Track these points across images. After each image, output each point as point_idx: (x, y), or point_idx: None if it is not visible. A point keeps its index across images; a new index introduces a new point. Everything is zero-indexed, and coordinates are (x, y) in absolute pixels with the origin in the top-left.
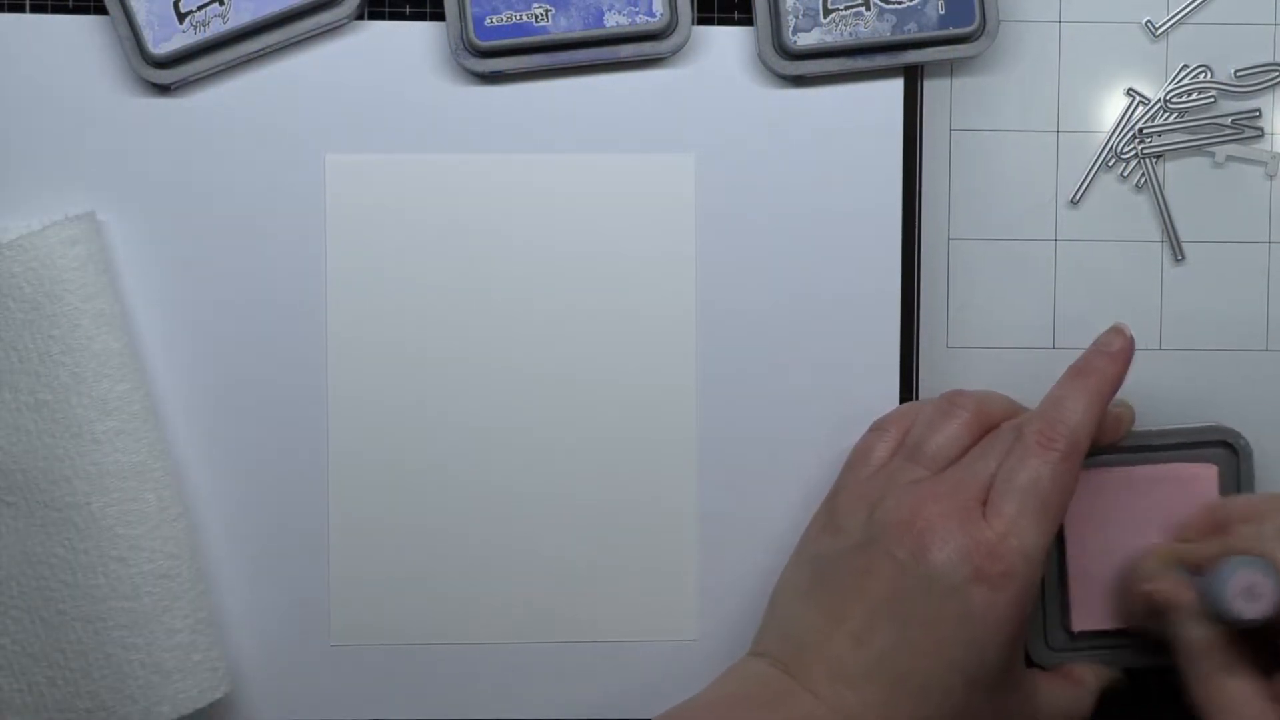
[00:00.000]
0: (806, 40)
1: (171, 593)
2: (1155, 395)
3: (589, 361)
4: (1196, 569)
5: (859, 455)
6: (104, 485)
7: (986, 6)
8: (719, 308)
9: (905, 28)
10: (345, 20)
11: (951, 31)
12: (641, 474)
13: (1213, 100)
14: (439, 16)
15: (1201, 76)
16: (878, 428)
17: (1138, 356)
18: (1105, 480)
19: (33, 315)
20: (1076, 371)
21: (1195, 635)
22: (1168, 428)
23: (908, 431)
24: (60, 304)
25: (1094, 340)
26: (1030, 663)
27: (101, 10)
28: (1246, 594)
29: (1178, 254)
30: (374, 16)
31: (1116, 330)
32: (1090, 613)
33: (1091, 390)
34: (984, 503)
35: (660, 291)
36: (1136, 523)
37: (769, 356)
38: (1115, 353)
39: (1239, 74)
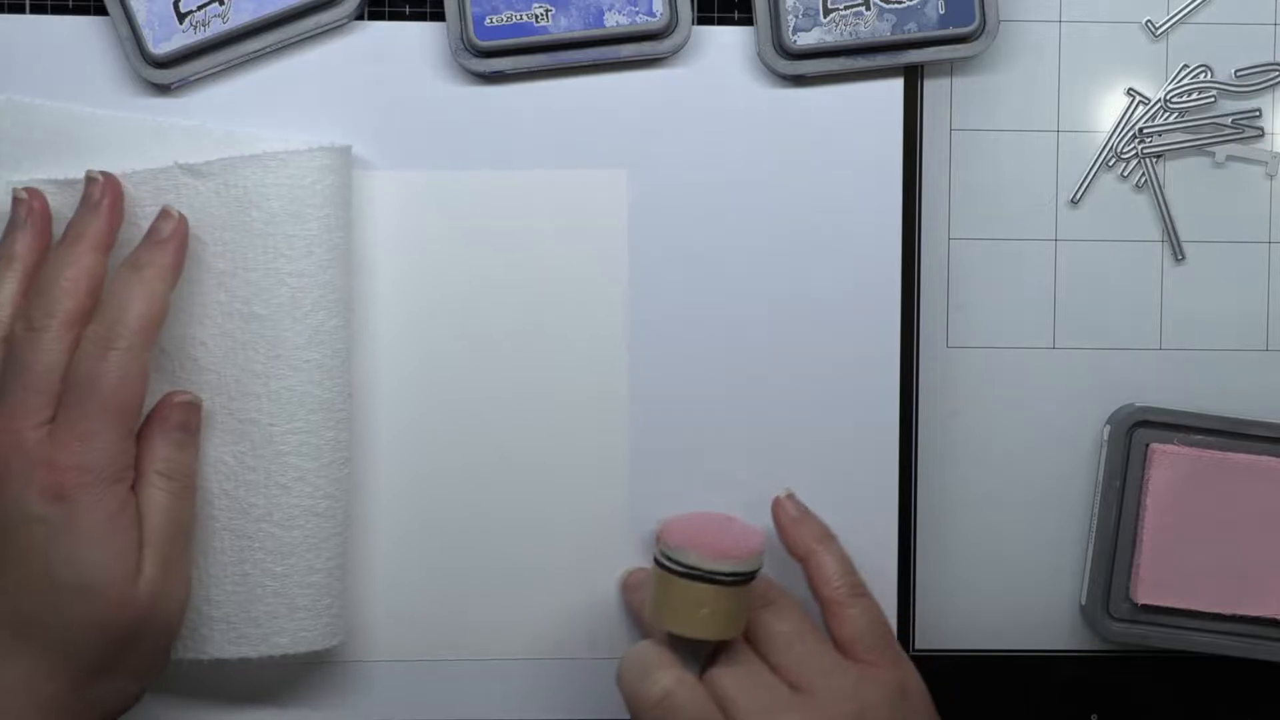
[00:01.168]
0: (806, 40)
1: (321, 532)
2: (1155, 395)
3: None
4: None
5: None
6: (290, 412)
7: (987, 6)
8: (716, 307)
9: (905, 27)
10: (345, 20)
11: (951, 31)
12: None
13: (1213, 100)
14: (439, 16)
15: (1201, 76)
16: None
17: (1138, 356)
18: (1198, 460)
19: (270, 229)
20: (128, 267)
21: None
22: (1273, 420)
23: None
24: (301, 225)
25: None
26: (1095, 633)
27: (101, 11)
28: None
29: (1178, 254)
30: (374, 16)
31: (163, 214)
32: (1158, 588)
33: (148, 282)
34: (45, 418)
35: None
36: (1223, 509)
37: (770, 355)
38: (166, 239)
39: (1239, 74)
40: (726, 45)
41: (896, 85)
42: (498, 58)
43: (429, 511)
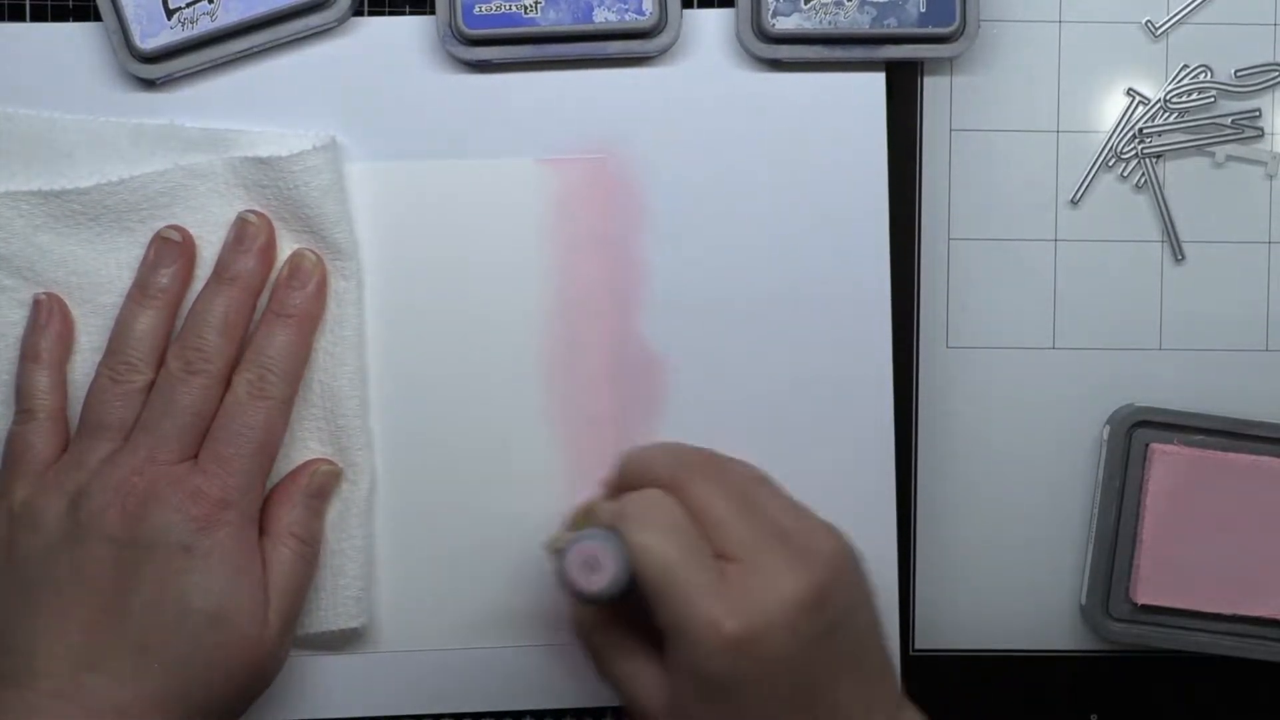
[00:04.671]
0: (785, 25)
1: (342, 513)
2: (1154, 395)
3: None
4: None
5: (18, 451)
6: (306, 399)
7: (968, 7)
8: (706, 301)
9: (885, 22)
10: (334, 24)
11: (931, 30)
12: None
13: (1213, 100)
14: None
15: (1201, 76)
16: (24, 418)
17: (1138, 356)
18: (1198, 461)
19: (274, 224)
20: (275, 314)
21: (579, 613)
22: (1274, 421)
23: (52, 414)
24: (303, 221)
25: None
26: (1095, 633)
27: (94, 16)
28: (585, 566)
29: (1178, 254)
30: (374, 10)
31: (300, 255)
32: (1157, 587)
33: (294, 331)
34: (188, 455)
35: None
36: (1223, 509)
37: (761, 349)
38: (313, 290)
39: (1239, 74)
40: (711, 33)
41: (879, 79)
42: (485, 46)
43: (426, 502)
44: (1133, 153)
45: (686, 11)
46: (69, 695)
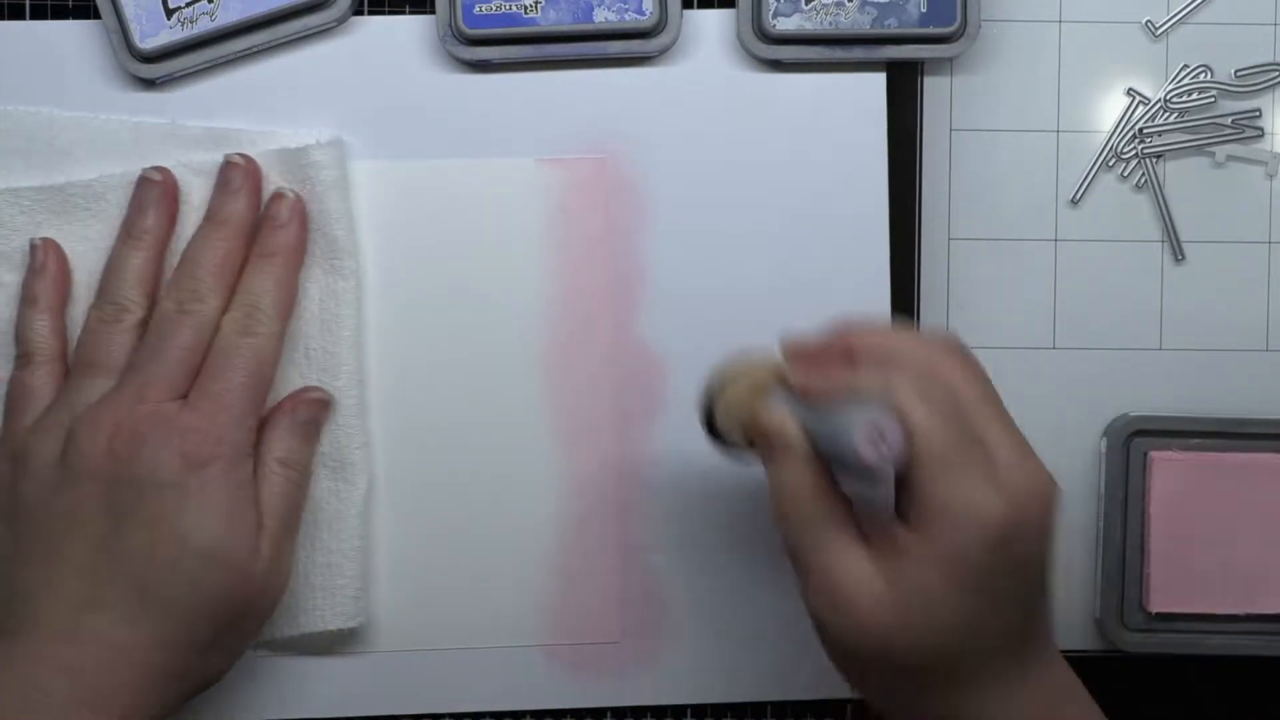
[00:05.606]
0: (786, 25)
1: (339, 513)
2: (1155, 395)
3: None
4: (807, 396)
5: (16, 395)
6: None
7: (968, 8)
8: (706, 299)
9: (886, 22)
10: (333, 24)
11: (931, 30)
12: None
13: (1213, 100)
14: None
15: (1201, 76)
16: (22, 363)
17: (1138, 356)
18: (1197, 464)
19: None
20: (258, 255)
21: (799, 479)
22: (1267, 417)
23: (51, 358)
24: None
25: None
26: (1112, 644)
27: (93, 15)
28: (873, 439)
29: (1178, 254)
30: (374, 10)
31: (277, 197)
32: (1170, 595)
33: (279, 269)
34: (178, 394)
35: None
36: (1228, 508)
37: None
38: (287, 223)
39: (1239, 74)
40: (711, 33)
41: (879, 80)
42: (485, 46)
43: (425, 502)
44: (1133, 153)
45: (686, 11)
46: (69, 638)
